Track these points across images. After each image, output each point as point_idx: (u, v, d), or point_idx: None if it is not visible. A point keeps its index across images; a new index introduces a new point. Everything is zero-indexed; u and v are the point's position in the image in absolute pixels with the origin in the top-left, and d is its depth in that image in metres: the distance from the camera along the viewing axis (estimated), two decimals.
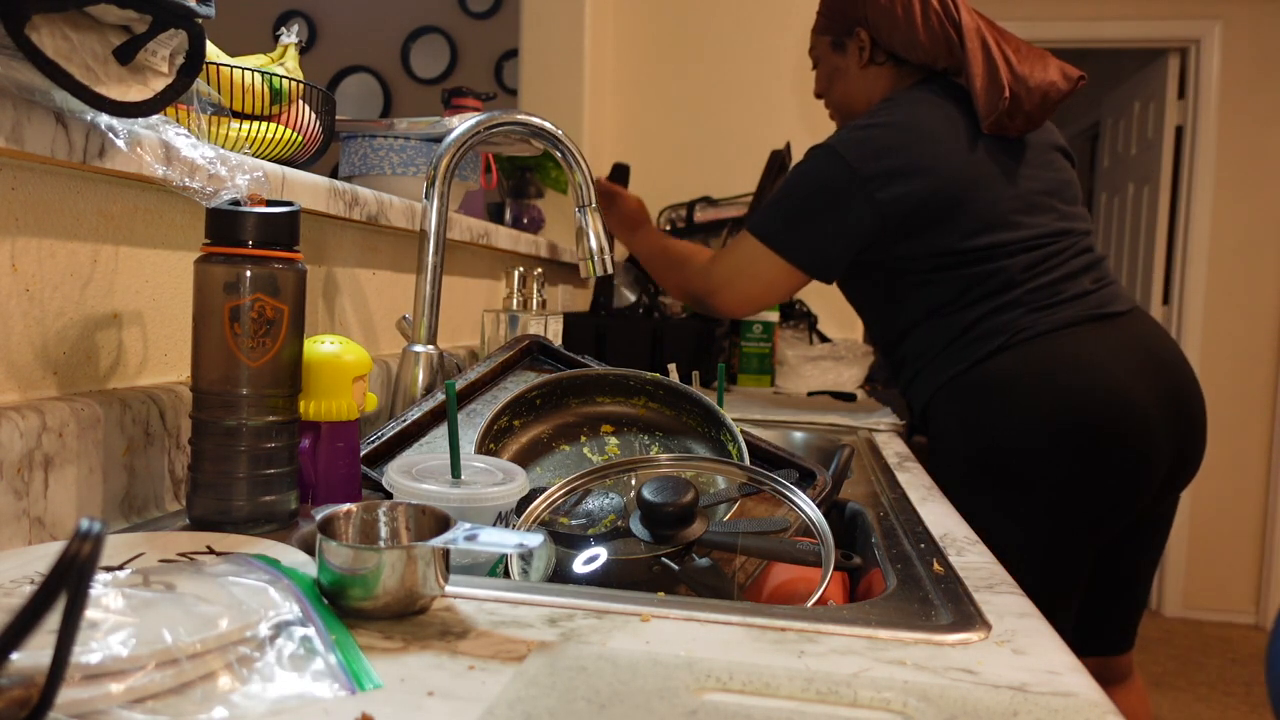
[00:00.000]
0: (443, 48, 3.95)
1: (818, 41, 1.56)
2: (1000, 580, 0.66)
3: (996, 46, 1.37)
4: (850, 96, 1.52)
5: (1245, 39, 3.64)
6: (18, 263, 0.63)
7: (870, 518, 0.86)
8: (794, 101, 2.44)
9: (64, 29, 0.58)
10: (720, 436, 0.90)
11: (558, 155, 1.09)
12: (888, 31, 1.43)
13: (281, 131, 0.93)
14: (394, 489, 0.68)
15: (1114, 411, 1.27)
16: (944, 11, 1.39)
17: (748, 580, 0.80)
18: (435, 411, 0.93)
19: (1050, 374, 1.29)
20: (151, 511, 0.73)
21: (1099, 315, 1.33)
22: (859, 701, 0.45)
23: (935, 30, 1.39)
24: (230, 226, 0.64)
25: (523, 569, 0.69)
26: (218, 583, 0.49)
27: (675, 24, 2.47)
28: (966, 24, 1.38)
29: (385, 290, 1.23)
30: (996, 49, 1.36)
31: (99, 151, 0.64)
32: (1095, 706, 0.45)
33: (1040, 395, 1.29)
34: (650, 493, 0.72)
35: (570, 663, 0.47)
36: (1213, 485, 3.68)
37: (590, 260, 1.10)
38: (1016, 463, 1.30)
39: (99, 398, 0.67)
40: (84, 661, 0.39)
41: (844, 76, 1.52)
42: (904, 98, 1.40)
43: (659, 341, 1.77)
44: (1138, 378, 1.29)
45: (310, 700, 0.42)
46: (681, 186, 2.45)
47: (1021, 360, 1.31)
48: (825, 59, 1.55)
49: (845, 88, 1.52)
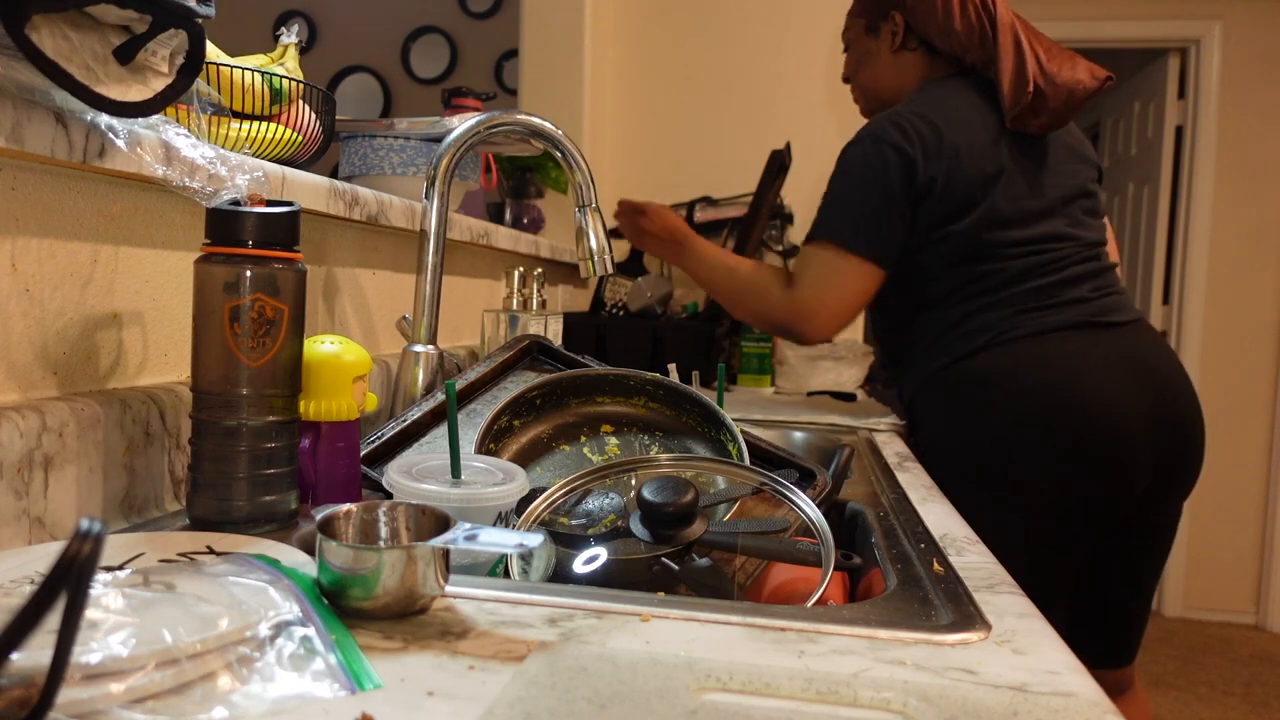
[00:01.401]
0: (443, 48, 3.95)
1: (852, 24, 1.56)
2: (1000, 580, 0.67)
3: (1028, 43, 1.38)
4: (879, 81, 1.52)
5: (1245, 39, 3.64)
6: (18, 263, 0.63)
7: (870, 518, 0.86)
8: (794, 101, 2.44)
9: (64, 29, 0.58)
10: (720, 436, 0.90)
11: (558, 155, 1.09)
12: (924, 17, 1.43)
13: (281, 131, 0.93)
14: (394, 489, 0.68)
15: (1090, 418, 1.26)
16: (981, 3, 1.40)
17: (748, 580, 0.80)
18: (435, 411, 0.93)
19: (1029, 375, 1.29)
20: (151, 511, 0.73)
21: (1093, 323, 1.33)
22: (859, 701, 0.45)
23: (971, 20, 1.39)
24: (230, 226, 0.64)
25: (523, 569, 0.69)
26: (218, 583, 0.49)
27: (675, 24, 2.47)
28: (1001, 17, 1.39)
29: (385, 290, 1.23)
30: (1027, 45, 1.37)
31: (99, 151, 0.64)
32: (1095, 706, 0.45)
33: (1016, 396, 1.29)
34: (650, 493, 0.72)
35: (570, 663, 0.47)
36: (1213, 485, 3.68)
37: (590, 260, 1.10)
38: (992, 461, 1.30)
39: (99, 398, 0.67)
40: (84, 661, 0.39)
41: (874, 60, 1.52)
42: (936, 88, 1.41)
43: (659, 342, 1.77)
44: (1123, 387, 1.28)
45: (310, 700, 0.42)
46: (681, 186, 2.45)
47: (1003, 359, 1.31)
48: (858, 41, 1.55)
49: (874, 72, 1.52)
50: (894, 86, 1.50)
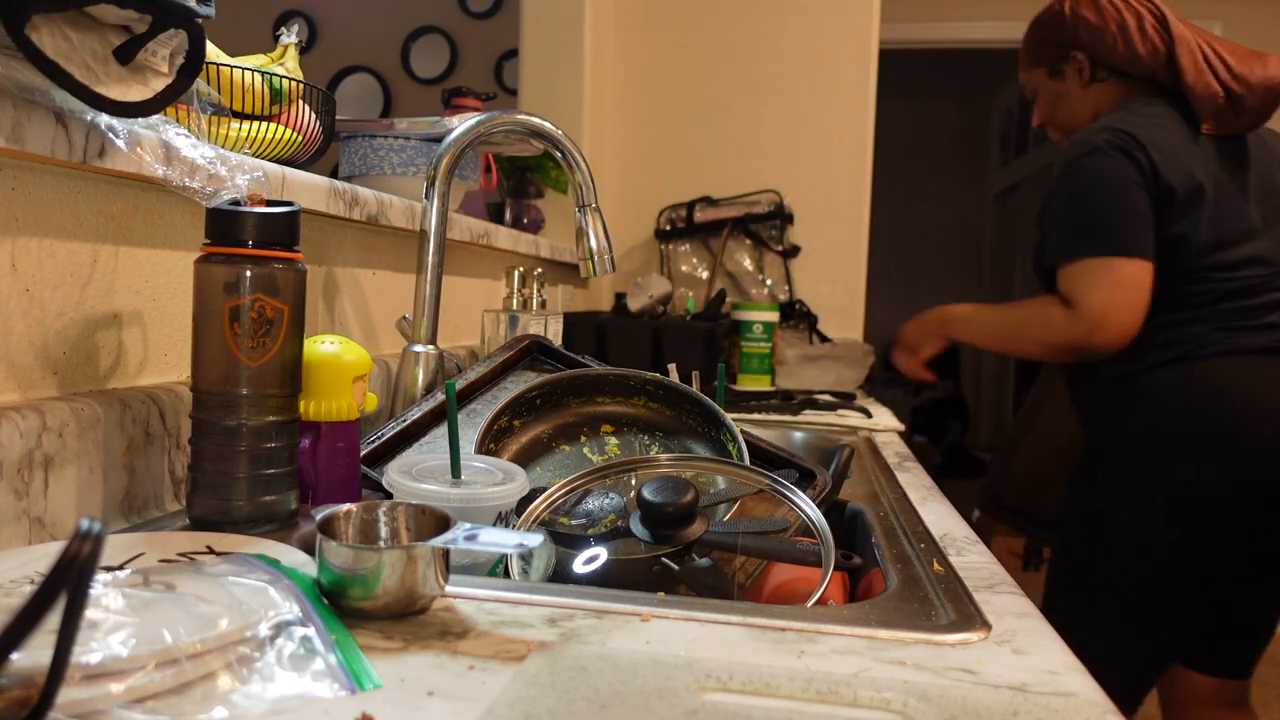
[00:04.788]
0: (443, 48, 3.95)
1: (1031, 76, 1.61)
2: (1000, 580, 0.66)
3: (1212, 51, 1.42)
4: (1077, 115, 1.56)
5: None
6: (18, 263, 0.63)
7: (870, 517, 0.86)
8: (794, 101, 2.44)
9: (64, 29, 0.58)
10: (720, 436, 0.90)
11: (558, 155, 1.09)
12: (1105, 50, 1.47)
13: (281, 131, 0.93)
14: (394, 489, 0.68)
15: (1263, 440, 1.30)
16: (1158, 24, 1.44)
17: (748, 580, 0.80)
18: (435, 411, 0.93)
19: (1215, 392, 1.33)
20: (151, 511, 0.73)
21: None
22: (859, 701, 0.45)
23: (1153, 42, 1.44)
24: (230, 226, 0.64)
25: (523, 569, 0.69)
26: (218, 583, 0.49)
27: (675, 24, 2.47)
28: (1178, 34, 1.42)
29: (385, 290, 1.23)
30: (1212, 53, 1.41)
31: (99, 151, 0.64)
32: (1095, 706, 0.45)
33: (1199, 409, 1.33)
34: (650, 493, 0.72)
35: (570, 663, 0.47)
36: None
37: (590, 260, 1.10)
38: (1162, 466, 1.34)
39: (99, 398, 0.67)
40: (84, 661, 0.39)
41: (1068, 99, 1.56)
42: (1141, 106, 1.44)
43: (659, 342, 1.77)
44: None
45: (310, 700, 0.42)
46: (682, 186, 2.45)
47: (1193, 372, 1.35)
48: (1043, 88, 1.59)
49: (1071, 109, 1.56)
50: (1094, 116, 1.53)
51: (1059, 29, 1.51)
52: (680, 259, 2.38)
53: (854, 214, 2.41)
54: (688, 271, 2.37)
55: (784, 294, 2.34)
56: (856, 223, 2.41)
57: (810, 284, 2.40)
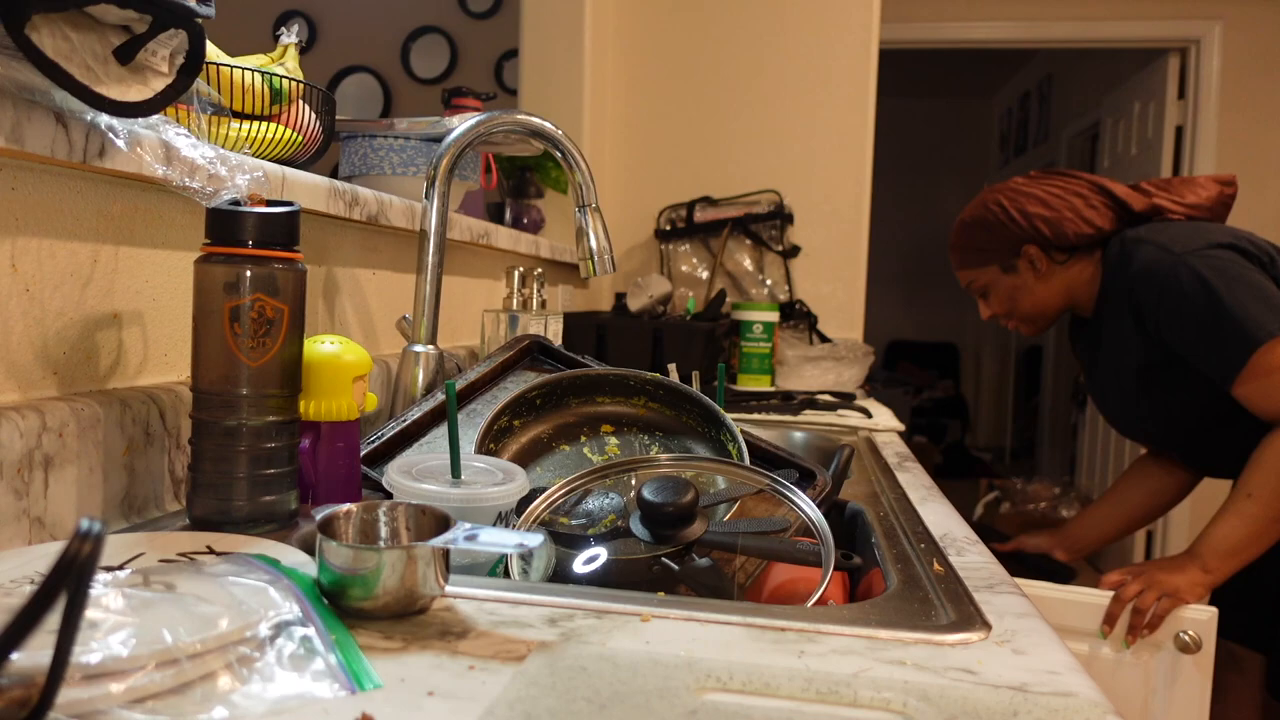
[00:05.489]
0: (443, 48, 3.95)
1: (979, 275, 1.59)
2: (1000, 580, 0.66)
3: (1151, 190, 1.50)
4: (1042, 302, 1.56)
5: (1245, 39, 3.64)
6: (18, 263, 0.63)
7: (870, 518, 0.86)
8: (795, 100, 2.44)
9: (64, 29, 0.58)
10: (720, 436, 0.90)
11: (558, 155, 1.09)
12: (1065, 235, 1.49)
13: (281, 131, 0.93)
14: (394, 489, 0.68)
15: None
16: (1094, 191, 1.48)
17: (748, 580, 0.79)
18: (435, 411, 0.93)
19: None
20: (151, 511, 0.73)
21: None
22: (859, 701, 0.45)
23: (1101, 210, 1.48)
24: (230, 226, 0.64)
25: (523, 569, 0.69)
26: (218, 583, 0.49)
27: (675, 24, 2.47)
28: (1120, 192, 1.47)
29: (385, 290, 1.23)
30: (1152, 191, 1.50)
31: (99, 151, 0.64)
32: (1095, 706, 0.45)
33: None
34: (650, 493, 0.72)
35: (570, 663, 0.47)
36: None
37: (590, 260, 1.10)
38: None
39: (99, 398, 0.67)
40: (84, 661, 0.39)
41: (1028, 291, 1.56)
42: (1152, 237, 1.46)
43: (659, 342, 1.77)
44: None
45: (310, 700, 0.42)
46: (681, 186, 2.45)
47: None
48: (996, 284, 1.58)
49: (1033, 299, 1.56)
50: (1064, 295, 1.54)
51: (1010, 228, 1.50)
52: (680, 259, 2.38)
53: (854, 214, 2.41)
54: (688, 271, 2.37)
55: (784, 294, 2.34)
56: (856, 223, 2.41)
57: (810, 284, 2.40)
